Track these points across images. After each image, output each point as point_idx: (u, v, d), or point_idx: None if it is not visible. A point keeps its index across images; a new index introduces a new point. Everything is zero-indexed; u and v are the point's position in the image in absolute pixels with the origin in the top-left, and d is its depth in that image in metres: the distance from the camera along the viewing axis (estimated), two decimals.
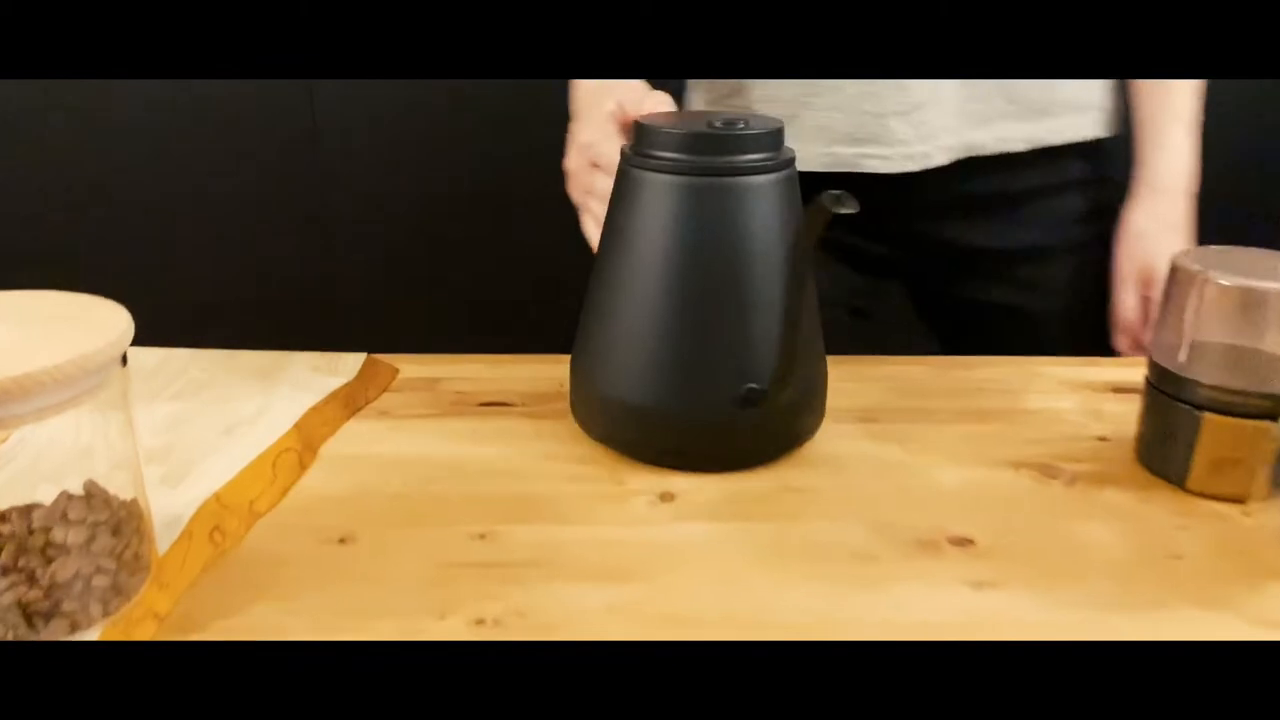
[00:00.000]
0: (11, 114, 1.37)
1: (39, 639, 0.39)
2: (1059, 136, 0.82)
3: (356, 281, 1.45)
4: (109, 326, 0.40)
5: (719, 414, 0.54)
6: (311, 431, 0.59)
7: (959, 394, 0.66)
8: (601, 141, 0.63)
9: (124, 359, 0.41)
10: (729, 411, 0.53)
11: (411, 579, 0.46)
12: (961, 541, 0.49)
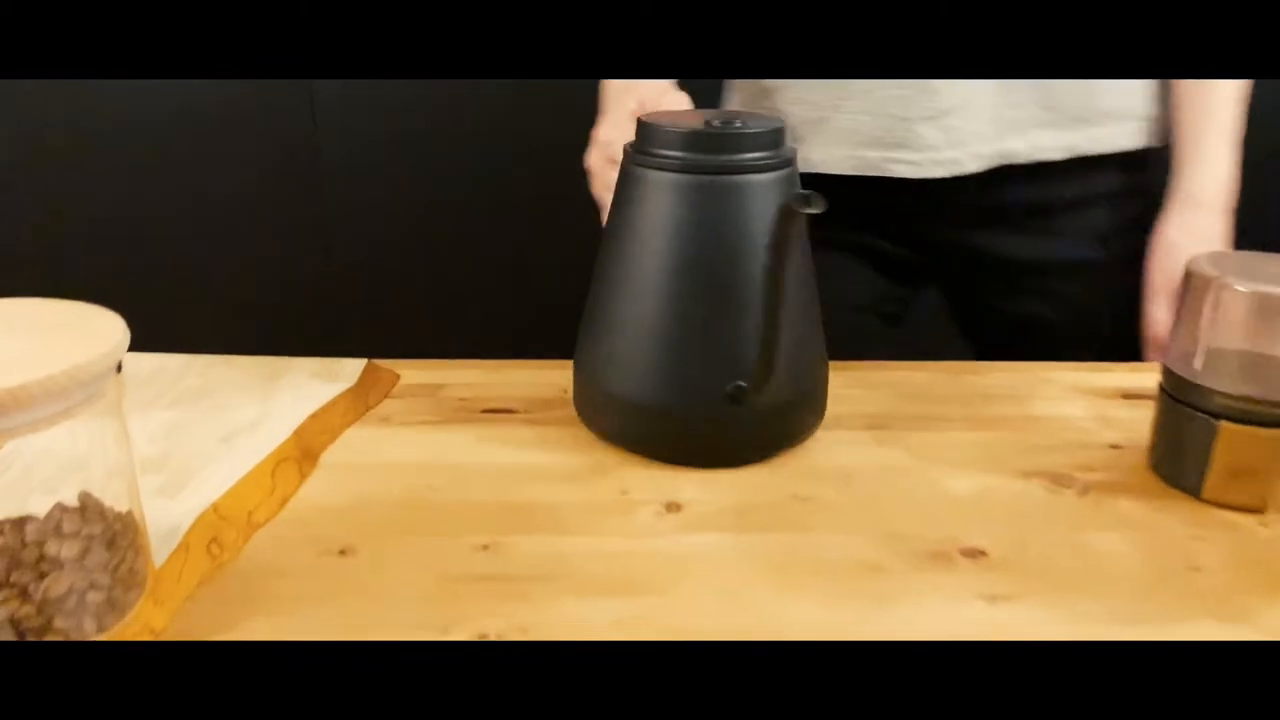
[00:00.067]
0: (11, 114, 1.36)
1: None
2: (1098, 146, 0.79)
3: (356, 285, 1.44)
4: (104, 336, 0.39)
5: (715, 410, 0.54)
6: (311, 439, 0.58)
7: (967, 400, 0.65)
8: (621, 139, 0.63)
9: (119, 366, 0.40)
10: (724, 407, 0.53)
11: (413, 593, 0.45)
12: (974, 553, 0.48)
